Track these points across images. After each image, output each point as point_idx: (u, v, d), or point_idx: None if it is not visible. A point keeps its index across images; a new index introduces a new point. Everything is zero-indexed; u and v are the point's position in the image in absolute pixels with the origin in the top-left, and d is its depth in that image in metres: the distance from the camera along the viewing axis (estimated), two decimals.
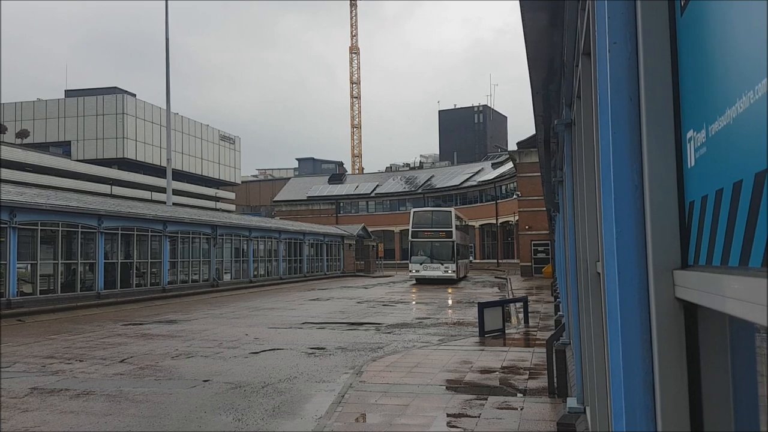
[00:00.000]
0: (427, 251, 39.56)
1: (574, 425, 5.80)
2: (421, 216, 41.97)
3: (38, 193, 26.87)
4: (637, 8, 1.58)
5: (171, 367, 11.52)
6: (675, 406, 1.45)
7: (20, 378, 10.49)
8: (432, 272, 39.11)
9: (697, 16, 1.29)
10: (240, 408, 8.53)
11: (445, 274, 38.98)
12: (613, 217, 1.59)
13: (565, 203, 8.27)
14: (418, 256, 39.74)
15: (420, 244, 39.87)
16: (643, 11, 1.55)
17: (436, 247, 39.50)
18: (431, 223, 40.65)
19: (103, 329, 17.39)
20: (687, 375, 1.44)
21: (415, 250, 39.96)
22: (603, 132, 1.78)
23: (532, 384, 9.79)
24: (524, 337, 15.44)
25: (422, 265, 39.38)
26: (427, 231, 40.23)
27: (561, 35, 5.12)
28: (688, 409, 1.44)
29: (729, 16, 1.09)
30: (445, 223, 40.35)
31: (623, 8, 1.63)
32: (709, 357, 1.39)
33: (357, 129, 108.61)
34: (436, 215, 42.00)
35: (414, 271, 39.97)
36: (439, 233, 39.87)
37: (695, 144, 1.32)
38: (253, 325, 18.20)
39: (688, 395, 1.44)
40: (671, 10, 1.51)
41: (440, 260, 39.17)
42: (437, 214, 42.14)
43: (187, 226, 33.24)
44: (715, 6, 1.17)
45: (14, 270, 21.64)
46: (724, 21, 1.11)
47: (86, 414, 8.20)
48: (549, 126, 8.85)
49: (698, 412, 1.41)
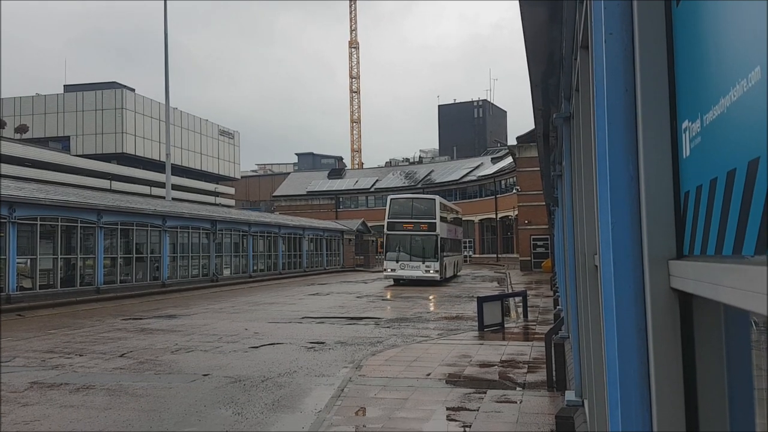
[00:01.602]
0: (405, 246, 33.80)
1: (573, 418, 5.83)
2: (400, 204, 35.84)
3: (38, 188, 26.86)
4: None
5: (171, 362, 11.54)
6: (670, 395, 1.46)
7: (20, 372, 10.51)
8: (410, 271, 33.48)
9: (693, 5, 1.29)
10: (240, 402, 8.55)
11: (426, 274, 33.17)
12: (609, 208, 1.60)
13: (564, 197, 8.27)
14: (394, 252, 34.01)
15: (397, 238, 34.10)
16: (639, 2, 1.55)
17: (417, 241, 33.79)
18: (411, 213, 34.54)
19: (103, 324, 17.41)
20: (682, 365, 1.45)
21: (392, 245, 34.11)
22: (599, 123, 1.79)
23: (531, 378, 9.81)
24: (523, 331, 15.47)
25: (399, 262, 33.66)
26: (406, 222, 34.20)
27: (560, 29, 5.12)
28: (683, 399, 1.45)
29: (724, 5, 1.09)
30: (427, 213, 34.30)
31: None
32: (704, 347, 1.39)
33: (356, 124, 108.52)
34: (418, 204, 35.75)
35: (389, 270, 34.12)
36: (421, 225, 33.91)
37: (690, 134, 1.32)
38: (252, 320, 18.23)
39: (683, 385, 1.44)
40: (667, 0, 1.51)
41: (421, 257, 33.45)
42: (419, 203, 35.96)
43: (187, 221, 33.25)
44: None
45: (14, 265, 21.65)
46: (719, 10, 1.11)
47: (86, 408, 8.22)
48: (548, 120, 8.85)
49: (693, 402, 1.42)
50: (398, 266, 33.70)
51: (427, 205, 35.01)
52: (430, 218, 33.88)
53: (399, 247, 33.85)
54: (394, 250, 33.95)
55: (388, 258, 33.99)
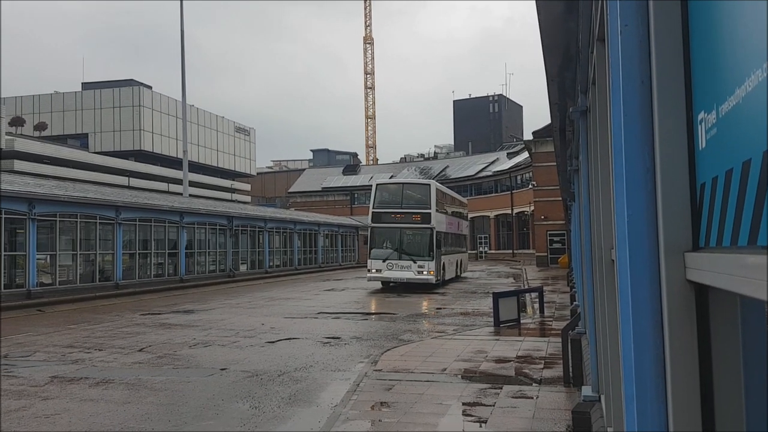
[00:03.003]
0: (394, 241, 27.90)
1: (589, 413, 5.80)
2: (389, 191, 29.91)
3: (56, 184, 27.18)
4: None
5: (189, 356, 11.65)
6: (686, 389, 1.45)
7: (41, 367, 10.66)
8: (399, 272, 27.41)
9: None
10: (257, 396, 8.62)
11: (418, 276, 27.14)
12: (625, 201, 1.59)
13: (581, 192, 8.22)
14: (380, 250, 28.00)
15: (384, 232, 28.20)
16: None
17: (408, 236, 28.14)
18: (402, 202, 28.59)
19: (122, 319, 17.61)
20: (698, 357, 1.44)
21: (377, 240, 28.19)
22: (615, 115, 1.78)
23: (548, 373, 9.78)
24: (540, 327, 15.42)
25: (386, 262, 27.52)
26: (394, 213, 28.18)
27: (576, 22, 5.08)
28: (699, 393, 1.44)
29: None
30: (420, 201, 28.32)
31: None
32: (720, 339, 1.39)
33: (371, 120, 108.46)
34: (410, 190, 29.62)
35: (374, 271, 27.83)
36: (412, 216, 27.93)
37: (706, 125, 1.31)
38: (269, 315, 18.33)
39: (699, 378, 1.44)
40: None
41: (412, 255, 27.53)
42: (411, 189, 29.75)
43: (204, 217, 33.49)
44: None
45: (34, 261, 21.94)
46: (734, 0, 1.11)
47: (105, 402, 8.33)
48: (564, 114, 8.79)
49: (709, 395, 1.41)
50: (385, 266, 27.57)
51: (420, 192, 29.01)
52: (423, 207, 27.89)
53: (386, 242, 28.07)
54: (380, 246, 28.12)
55: (373, 256, 27.95)
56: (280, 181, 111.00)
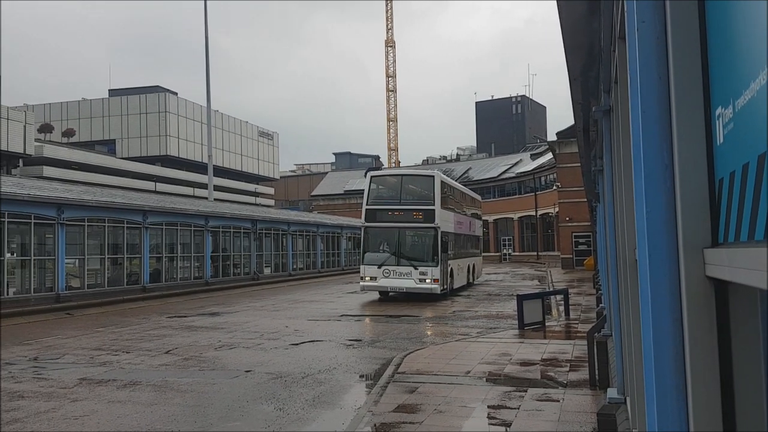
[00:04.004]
0: (391, 244, 23.76)
1: (614, 415, 5.74)
2: (385, 184, 25.98)
3: (85, 190, 27.65)
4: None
5: (214, 358, 11.76)
6: (706, 386, 1.44)
7: (69, 369, 10.85)
8: (397, 281, 23.33)
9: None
10: (281, 398, 8.67)
11: (420, 284, 23.07)
12: (644, 197, 1.59)
13: (605, 192, 8.14)
14: (375, 253, 23.88)
15: (379, 233, 24.01)
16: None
17: (408, 237, 24.27)
18: (400, 197, 24.78)
19: (149, 321, 17.84)
20: (718, 355, 1.43)
21: (372, 242, 24.14)
22: (634, 112, 1.77)
23: (573, 376, 9.69)
24: (565, 330, 15.28)
25: (382, 268, 23.39)
26: (391, 210, 24.16)
27: (598, 21, 5.05)
28: (720, 390, 1.43)
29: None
30: (422, 196, 24.40)
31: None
32: (740, 335, 1.37)
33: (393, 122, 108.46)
34: (411, 183, 25.66)
35: (367, 279, 23.76)
36: (413, 213, 23.96)
37: (723, 120, 1.30)
38: (293, 317, 18.43)
39: (719, 374, 1.42)
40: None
41: (413, 260, 23.48)
42: (412, 182, 25.74)
43: (228, 221, 33.80)
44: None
45: (63, 265, 22.34)
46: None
47: (133, 403, 8.45)
48: (588, 114, 8.72)
49: (730, 392, 1.40)
50: (381, 273, 23.39)
51: (422, 185, 24.79)
52: (426, 203, 23.73)
53: (382, 244, 23.93)
54: (375, 249, 23.98)
55: (367, 261, 23.80)
56: (303, 184, 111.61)
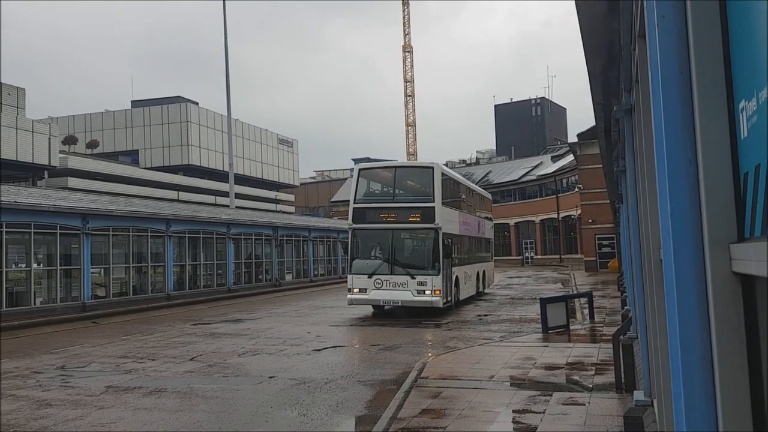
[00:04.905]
0: (384, 249, 20.02)
1: (641, 418, 5.66)
2: (376, 178, 22.18)
3: (109, 200, 28.05)
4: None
5: (238, 365, 11.83)
6: (734, 383, 1.42)
7: (96, 377, 10.98)
8: (391, 292, 19.45)
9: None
10: (305, 403, 8.69)
11: (418, 296, 19.21)
12: (668, 194, 1.57)
13: (628, 193, 8.06)
14: (365, 261, 20.08)
15: (369, 236, 20.29)
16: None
17: (403, 240, 20.39)
18: (394, 194, 20.90)
19: (173, 329, 18.00)
20: (746, 352, 1.41)
21: (361, 248, 20.30)
22: (655, 109, 1.75)
23: (599, 380, 9.58)
24: (590, 333, 15.12)
25: (373, 278, 19.57)
26: (384, 208, 20.41)
27: (617, 19, 5.01)
28: (749, 387, 1.40)
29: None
30: (420, 191, 20.65)
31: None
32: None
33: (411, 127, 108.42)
34: (406, 176, 21.84)
35: (356, 291, 19.86)
36: (409, 212, 20.03)
37: (747, 113, 1.28)
38: (315, 323, 18.48)
39: (747, 371, 1.40)
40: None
41: (409, 268, 19.56)
42: (407, 175, 21.90)
43: (250, 228, 34.05)
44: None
45: (88, 274, 22.67)
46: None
47: (159, 410, 8.52)
48: (609, 114, 8.65)
49: (759, 390, 1.37)
50: (371, 284, 19.58)
51: (420, 179, 21.00)
52: (425, 200, 19.94)
53: (374, 250, 20.25)
54: (365, 255, 20.24)
55: (356, 270, 19.99)
56: (323, 190, 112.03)
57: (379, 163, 22.03)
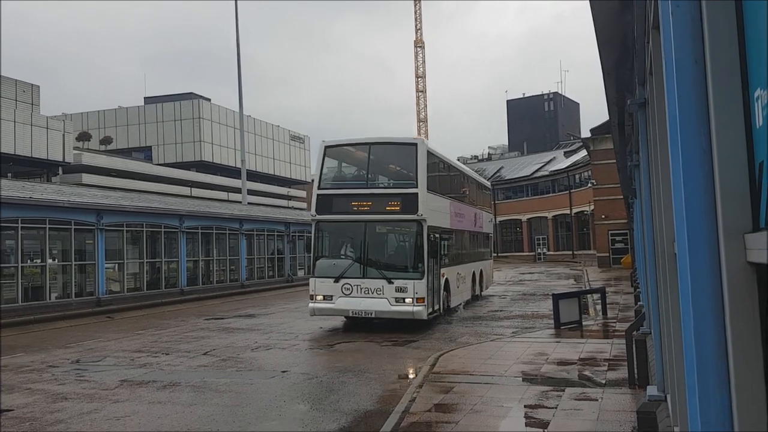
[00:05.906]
0: (355, 247, 16.20)
1: (655, 413, 5.63)
2: (345, 157, 18.12)
3: (122, 195, 28.25)
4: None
5: (251, 359, 11.89)
6: (750, 376, 1.40)
7: (111, 371, 11.08)
8: (364, 300, 15.43)
9: None
10: (317, 398, 8.73)
11: (397, 306, 15.13)
12: (682, 183, 1.56)
13: (642, 187, 8.01)
14: (331, 260, 16.36)
15: (337, 231, 16.75)
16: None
17: (379, 235, 16.60)
18: (366, 176, 16.97)
19: (187, 324, 18.12)
20: (762, 342, 1.39)
21: (327, 245, 16.81)
22: (669, 99, 1.74)
23: (612, 375, 9.54)
24: (602, 329, 15.05)
25: (341, 282, 15.65)
26: (355, 195, 16.50)
27: (631, 12, 4.97)
28: (764, 379, 1.39)
29: None
30: (400, 174, 17.48)
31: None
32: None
33: (423, 123, 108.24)
34: (381, 156, 17.49)
35: (319, 299, 15.93)
36: (386, 200, 16.20)
37: (762, 102, 1.27)
38: (327, 318, 18.49)
39: (762, 363, 1.39)
40: None
41: (386, 270, 15.63)
42: (383, 154, 17.51)
43: (262, 224, 34.18)
44: None
45: (103, 269, 22.86)
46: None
47: (173, 404, 8.59)
48: (623, 108, 8.59)
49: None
50: (339, 289, 15.68)
51: (400, 158, 17.30)
52: (405, 185, 16.25)
53: (342, 247, 16.73)
54: (332, 254, 16.63)
55: (319, 272, 16.24)
56: None
57: (351, 138, 17.43)
